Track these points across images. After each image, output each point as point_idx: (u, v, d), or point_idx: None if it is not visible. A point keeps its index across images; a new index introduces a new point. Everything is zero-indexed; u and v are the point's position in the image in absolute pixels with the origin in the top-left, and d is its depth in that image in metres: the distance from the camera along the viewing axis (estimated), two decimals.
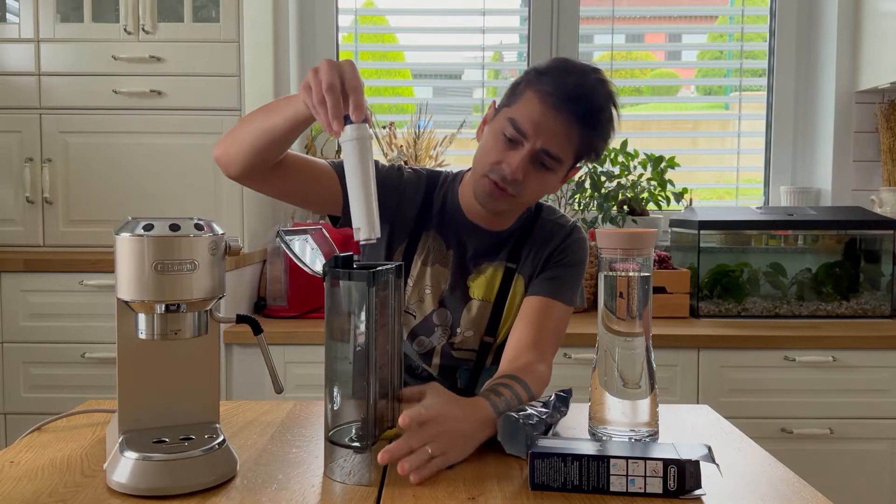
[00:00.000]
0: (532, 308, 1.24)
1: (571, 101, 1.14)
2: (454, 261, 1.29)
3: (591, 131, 1.18)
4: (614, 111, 1.19)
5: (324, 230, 0.90)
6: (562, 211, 1.38)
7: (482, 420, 0.97)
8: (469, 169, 1.33)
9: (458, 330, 1.29)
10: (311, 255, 1.02)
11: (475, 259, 1.30)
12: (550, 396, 1.07)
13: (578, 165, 1.24)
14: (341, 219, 1.24)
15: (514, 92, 1.20)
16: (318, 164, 1.23)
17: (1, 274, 2.06)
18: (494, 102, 1.28)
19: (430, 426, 0.89)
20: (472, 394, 1.24)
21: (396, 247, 1.29)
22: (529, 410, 1.00)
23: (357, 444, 0.88)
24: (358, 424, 0.90)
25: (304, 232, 1.01)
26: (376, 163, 1.27)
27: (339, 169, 1.22)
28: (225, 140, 1.16)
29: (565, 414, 1.08)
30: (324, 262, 0.87)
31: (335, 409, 0.90)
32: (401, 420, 0.88)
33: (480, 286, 1.29)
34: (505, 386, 1.05)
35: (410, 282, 1.28)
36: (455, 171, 1.36)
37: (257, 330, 0.92)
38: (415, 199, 1.30)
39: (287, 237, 0.86)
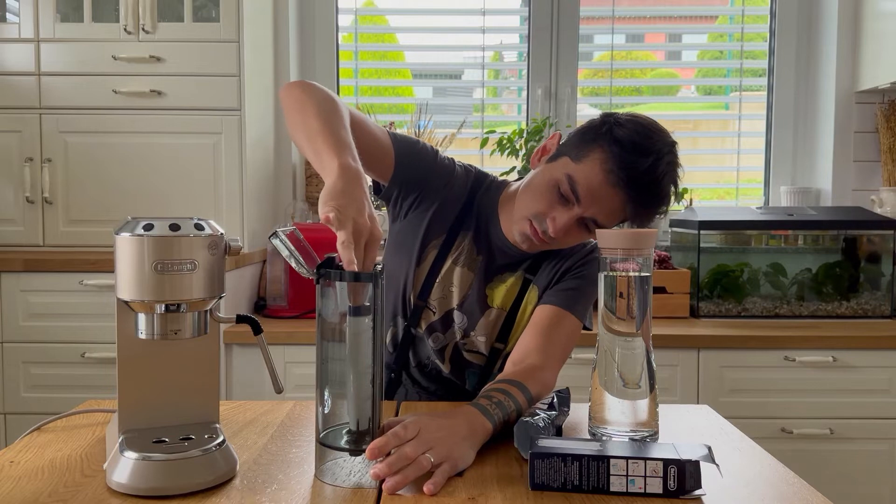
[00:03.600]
0: (544, 316, 1.23)
1: (635, 186, 1.12)
2: (480, 267, 1.29)
3: (645, 211, 1.16)
4: (672, 193, 1.17)
5: (296, 231, 0.89)
6: None
7: (469, 420, 0.96)
8: (516, 181, 1.32)
9: (472, 333, 1.29)
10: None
11: (500, 269, 1.30)
12: (552, 398, 1.07)
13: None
14: (384, 189, 1.25)
15: (583, 144, 1.16)
16: (375, 133, 1.19)
17: (1, 274, 2.06)
18: (559, 135, 1.26)
19: (422, 434, 0.88)
20: None
21: (432, 239, 1.28)
22: (541, 414, 1.00)
23: (353, 446, 0.87)
24: (350, 426, 0.88)
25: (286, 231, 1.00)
26: (431, 148, 1.29)
27: (395, 140, 1.22)
28: (287, 102, 1.08)
29: (567, 414, 1.08)
30: (301, 261, 0.86)
31: (326, 411, 0.89)
32: (381, 441, 0.85)
33: (500, 294, 1.29)
34: (499, 391, 1.04)
35: (437, 278, 1.28)
36: (500, 179, 1.35)
37: (257, 330, 0.92)
38: (460, 198, 1.29)
39: (280, 238, 0.85)
